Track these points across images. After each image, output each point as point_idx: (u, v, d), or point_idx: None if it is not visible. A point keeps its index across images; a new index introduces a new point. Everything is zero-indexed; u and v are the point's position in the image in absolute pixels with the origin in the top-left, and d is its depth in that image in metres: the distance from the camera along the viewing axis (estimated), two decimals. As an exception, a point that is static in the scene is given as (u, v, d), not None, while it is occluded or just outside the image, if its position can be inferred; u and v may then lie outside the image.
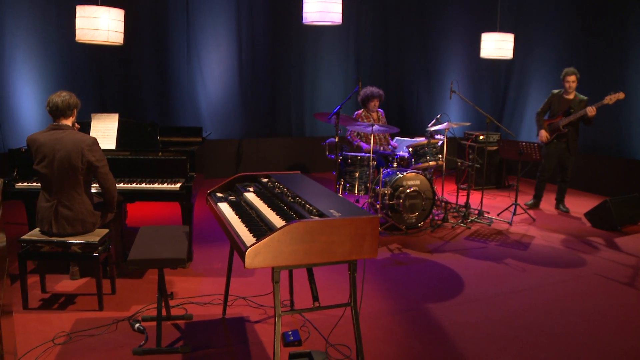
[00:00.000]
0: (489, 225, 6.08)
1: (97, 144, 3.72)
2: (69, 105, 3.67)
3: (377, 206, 5.60)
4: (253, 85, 8.82)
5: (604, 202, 6.05)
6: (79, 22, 4.78)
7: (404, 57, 9.93)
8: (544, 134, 6.61)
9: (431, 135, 6.39)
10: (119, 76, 7.90)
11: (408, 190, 5.59)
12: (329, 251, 2.44)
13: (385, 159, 6.37)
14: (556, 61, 8.27)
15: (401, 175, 5.65)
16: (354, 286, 2.61)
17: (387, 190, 5.52)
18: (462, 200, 6.58)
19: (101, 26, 4.86)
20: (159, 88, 8.23)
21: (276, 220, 2.67)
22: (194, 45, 8.31)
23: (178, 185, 4.32)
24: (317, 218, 2.52)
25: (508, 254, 5.14)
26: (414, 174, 5.72)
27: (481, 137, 8.01)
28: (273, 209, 2.86)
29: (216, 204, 3.20)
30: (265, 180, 3.51)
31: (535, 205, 6.95)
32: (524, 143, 6.13)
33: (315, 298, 2.83)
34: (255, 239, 2.49)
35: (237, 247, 2.49)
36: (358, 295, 2.70)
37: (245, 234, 2.58)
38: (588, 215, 6.24)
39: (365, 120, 6.55)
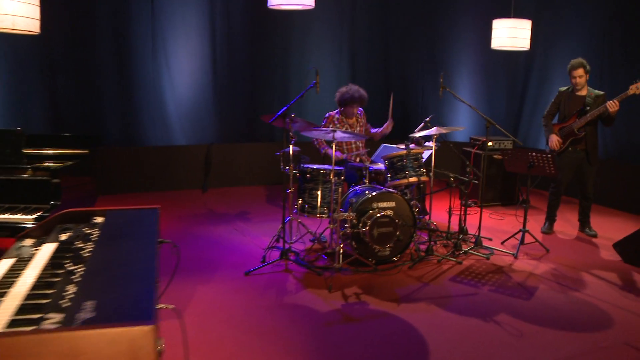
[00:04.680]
0: (487, 259, 4.74)
1: None
2: None
3: (340, 234, 4.35)
4: (229, 83, 7.63)
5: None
6: (-20, 6, 3.71)
7: (406, 48, 8.57)
8: (555, 138, 5.29)
9: (418, 142, 5.12)
10: (72, 74, 6.79)
11: (377, 216, 4.31)
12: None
13: (359, 172, 5.12)
14: (584, 52, 6.78)
15: (369, 196, 4.38)
16: None
17: (349, 216, 4.26)
18: (468, 224, 5.24)
19: (5, 10, 3.79)
20: (120, 87, 7.10)
21: (3, 315, 1.47)
22: (160, 38, 7.17)
23: (35, 215, 3.17)
24: (51, 322, 1.32)
25: (504, 305, 3.81)
26: (386, 193, 4.45)
27: (490, 143, 6.65)
28: (34, 287, 1.66)
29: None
30: (98, 220, 2.32)
31: (549, 230, 5.58)
32: (534, 153, 4.78)
33: None
34: None
35: None
36: None
37: None
38: (618, 246, 4.82)
39: (337, 126, 5.30)
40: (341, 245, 4.28)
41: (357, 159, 5.46)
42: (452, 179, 4.92)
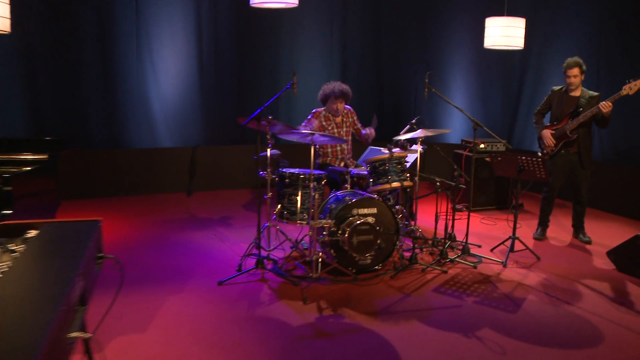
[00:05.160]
0: (475, 267, 4.53)
1: None
2: None
3: (320, 241, 4.15)
4: (216, 83, 7.42)
5: (634, 237, 4.43)
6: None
7: (399, 47, 8.37)
8: (548, 133, 5.09)
9: (403, 146, 4.91)
10: (52, 75, 6.57)
11: (357, 223, 4.11)
12: None
13: (342, 177, 4.92)
14: (580, 52, 6.57)
15: (349, 202, 4.18)
16: None
17: (327, 223, 4.06)
18: (457, 230, 5.02)
19: (-30, 8, 3.64)
20: (104, 89, 6.89)
21: None
22: (145, 38, 6.97)
23: (-17, 225, 2.98)
24: None
25: (488, 318, 3.61)
26: (368, 199, 4.25)
27: (482, 145, 6.44)
28: None
29: None
30: (31, 235, 2.12)
31: (541, 236, 5.37)
32: (524, 157, 4.58)
33: None
34: None
35: None
36: None
37: None
38: (612, 254, 4.61)
39: (324, 123, 5.12)
40: (320, 254, 4.08)
41: (342, 163, 5.26)
42: (438, 183, 4.72)
